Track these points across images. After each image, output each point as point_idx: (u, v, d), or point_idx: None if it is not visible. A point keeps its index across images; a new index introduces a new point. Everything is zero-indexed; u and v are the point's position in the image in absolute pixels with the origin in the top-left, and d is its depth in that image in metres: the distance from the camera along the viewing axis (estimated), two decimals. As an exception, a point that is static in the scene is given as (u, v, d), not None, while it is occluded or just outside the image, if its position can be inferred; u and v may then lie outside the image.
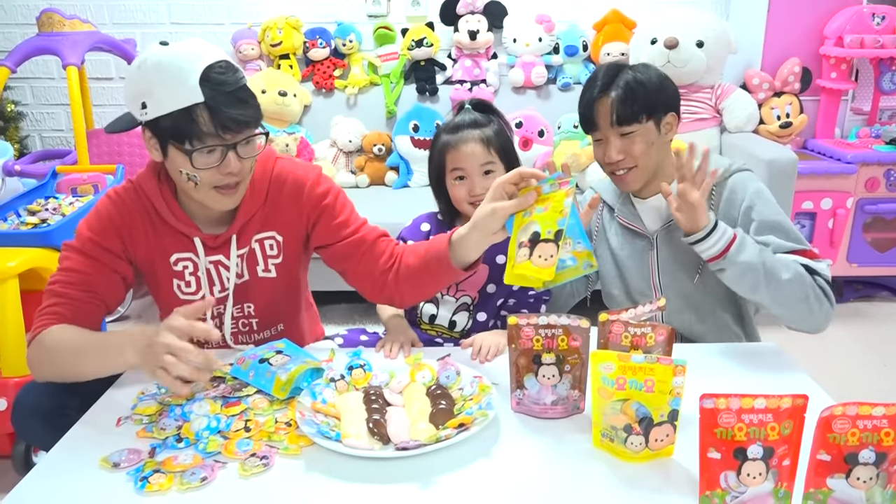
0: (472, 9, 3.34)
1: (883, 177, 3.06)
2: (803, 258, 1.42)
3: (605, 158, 1.51)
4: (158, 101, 1.19)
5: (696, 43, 3.03)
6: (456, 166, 1.51)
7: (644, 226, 1.58)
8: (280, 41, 3.32)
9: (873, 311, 3.12)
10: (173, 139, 1.21)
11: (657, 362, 0.99)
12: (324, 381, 1.18)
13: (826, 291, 1.40)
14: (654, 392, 1.00)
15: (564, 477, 1.00)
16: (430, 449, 1.02)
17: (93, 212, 1.36)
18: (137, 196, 1.35)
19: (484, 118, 1.55)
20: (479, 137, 1.51)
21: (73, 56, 2.84)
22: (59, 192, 2.55)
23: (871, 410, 0.85)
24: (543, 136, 3.26)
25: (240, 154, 1.25)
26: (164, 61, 1.19)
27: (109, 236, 1.33)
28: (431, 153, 1.58)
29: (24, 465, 1.94)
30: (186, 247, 1.37)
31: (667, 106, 1.51)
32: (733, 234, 1.39)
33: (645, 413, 1.01)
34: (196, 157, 1.21)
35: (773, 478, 0.88)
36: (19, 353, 1.96)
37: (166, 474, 0.99)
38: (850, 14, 3.19)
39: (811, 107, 3.36)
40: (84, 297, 1.30)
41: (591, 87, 1.51)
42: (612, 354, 1.02)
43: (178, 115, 1.18)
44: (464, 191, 1.52)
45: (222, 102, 1.18)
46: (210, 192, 1.27)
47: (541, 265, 1.11)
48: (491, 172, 1.51)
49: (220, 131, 1.20)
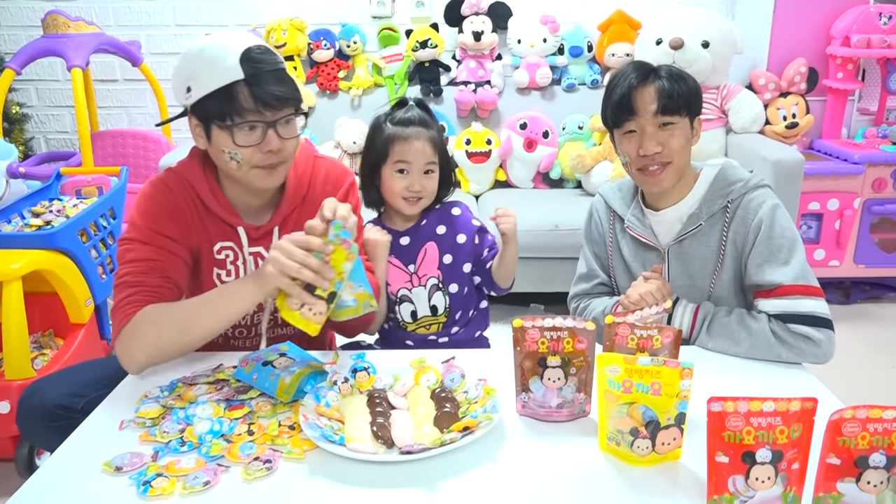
0: (476, 10, 3.33)
1: (890, 177, 3.05)
2: (787, 299, 1.36)
3: (641, 151, 1.43)
4: (201, 82, 1.23)
5: (702, 43, 3.02)
6: (402, 159, 1.53)
7: (656, 239, 1.53)
8: (284, 42, 3.32)
9: (881, 313, 3.10)
10: (216, 118, 1.25)
11: (664, 365, 0.98)
12: (327, 385, 1.18)
13: (809, 336, 1.32)
14: (661, 395, 0.99)
15: (570, 481, 0.99)
16: (435, 453, 1.01)
17: (141, 201, 1.35)
18: (182, 183, 1.36)
19: (430, 120, 1.59)
20: (428, 137, 1.54)
21: (77, 58, 2.85)
22: (63, 194, 2.55)
23: (882, 413, 0.84)
24: (548, 137, 3.25)
25: (280, 133, 1.27)
26: (206, 46, 1.25)
27: (165, 222, 1.33)
28: (372, 142, 1.58)
29: (27, 468, 1.94)
30: (229, 235, 1.38)
31: (697, 109, 1.48)
32: (693, 312, 1.41)
33: (651, 416, 1.00)
34: (237, 134, 1.24)
35: (782, 482, 0.87)
36: (23, 355, 1.96)
37: (169, 478, 0.98)
38: (857, 14, 3.18)
39: (817, 107, 3.34)
40: (160, 282, 1.29)
41: (626, 78, 1.44)
42: (618, 357, 1.01)
43: (220, 94, 1.22)
44: (403, 185, 1.54)
45: (262, 80, 1.23)
46: (251, 171, 1.29)
47: (308, 318, 1.20)
48: (431, 173, 1.55)
49: (260, 107, 1.23)
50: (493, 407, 1.10)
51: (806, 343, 1.33)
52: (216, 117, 1.25)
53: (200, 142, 1.31)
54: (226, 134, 1.25)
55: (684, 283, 1.50)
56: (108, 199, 2.42)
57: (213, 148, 1.30)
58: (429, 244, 1.60)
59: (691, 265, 1.49)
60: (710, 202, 1.47)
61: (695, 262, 1.48)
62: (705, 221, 1.47)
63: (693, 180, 1.51)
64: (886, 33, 3.16)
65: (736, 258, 1.46)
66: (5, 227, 2.22)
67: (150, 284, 1.28)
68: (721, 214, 1.46)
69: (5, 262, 1.95)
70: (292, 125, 1.30)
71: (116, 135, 3.38)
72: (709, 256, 1.48)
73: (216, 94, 1.23)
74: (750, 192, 1.45)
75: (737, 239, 1.45)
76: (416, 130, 1.54)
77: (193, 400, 1.17)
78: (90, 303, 2.24)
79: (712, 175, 1.50)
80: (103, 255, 2.35)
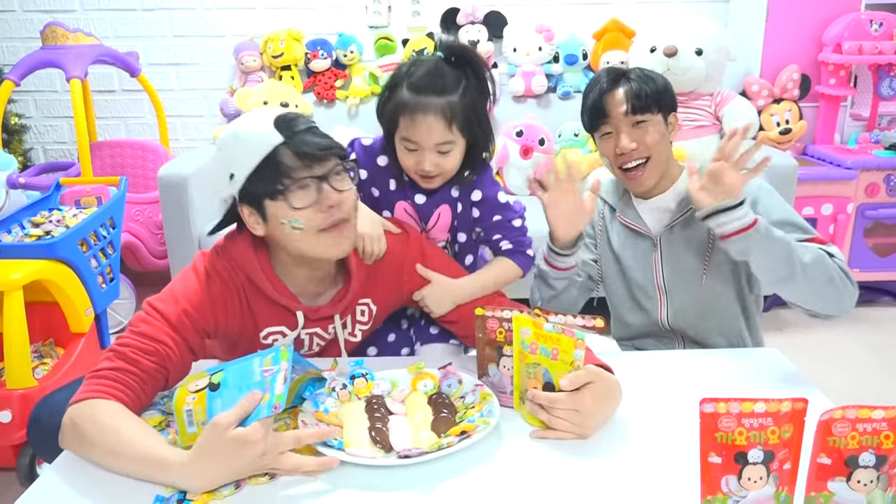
0: (472, 19, 3.36)
1: (883, 182, 3.07)
2: (815, 244, 1.40)
3: (617, 150, 1.48)
4: (242, 162, 1.17)
5: (696, 51, 3.05)
6: (407, 136, 1.33)
7: (647, 227, 1.57)
8: (282, 52, 3.34)
9: (875, 316, 3.12)
10: (267, 192, 1.17)
11: (562, 333, 1.08)
12: (326, 391, 1.19)
13: (846, 272, 1.37)
14: (558, 360, 1.09)
15: (566, 482, 1.00)
16: (433, 457, 1.02)
17: (194, 284, 1.24)
18: (234, 271, 1.26)
19: (454, 79, 1.31)
20: (441, 109, 1.29)
21: (76, 69, 2.86)
22: (62, 204, 2.56)
23: (871, 413, 0.85)
24: (544, 144, 3.27)
25: (335, 186, 1.20)
26: (238, 129, 1.20)
27: (207, 315, 1.23)
28: (385, 102, 1.35)
29: (27, 477, 1.94)
30: (284, 320, 1.30)
31: (670, 105, 1.51)
32: (755, 216, 1.34)
33: (548, 379, 1.10)
34: (292, 198, 1.16)
35: (774, 482, 0.88)
36: (23, 364, 1.97)
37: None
38: (848, 21, 3.21)
39: (810, 113, 3.37)
40: (153, 368, 1.15)
41: (598, 83, 1.50)
42: (529, 320, 1.11)
43: (265, 167, 1.16)
44: (412, 161, 1.35)
45: (301, 136, 1.17)
46: (319, 238, 1.20)
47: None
48: (448, 153, 1.33)
49: (307, 162, 1.17)
50: (490, 411, 1.11)
51: (847, 279, 1.35)
52: (267, 191, 1.17)
53: (259, 229, 1.22)
54: (281, 203, 1.17)
55: (678, 270, 1.54)
56: (107, 208, 2.43)
57: (272, 227, 1.20)
58: (442, 207, 1.44)
59: (683, 251, 1.53)
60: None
61: (687, 248, 1.50)
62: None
63: (678, 173, 1.55)
64: (877, 40, 3.19)
65: None
66: (5, 237, 2.24)
67: (140, 367, 1.14)
68: None
69: (6, 272, 1.96)
70: (344, 177, 1.23)
71: (115, 145, 3.39)
72: (700, 240, 1.51)
73: (261, 169, 1.16)
74: None
75: None
76: (425, 101, 1.29)
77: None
78: (90, 312, 2.25)
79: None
80: (103, 264, 2.36)
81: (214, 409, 1.03)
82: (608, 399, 1.13)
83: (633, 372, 1.32)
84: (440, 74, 1.31)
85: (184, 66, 3.54)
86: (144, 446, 1.02)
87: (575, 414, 1.08)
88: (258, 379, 1.03)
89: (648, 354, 1.51)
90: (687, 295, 1.55)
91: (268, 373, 1.03)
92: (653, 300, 1.59)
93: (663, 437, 1.10)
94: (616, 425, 1.14)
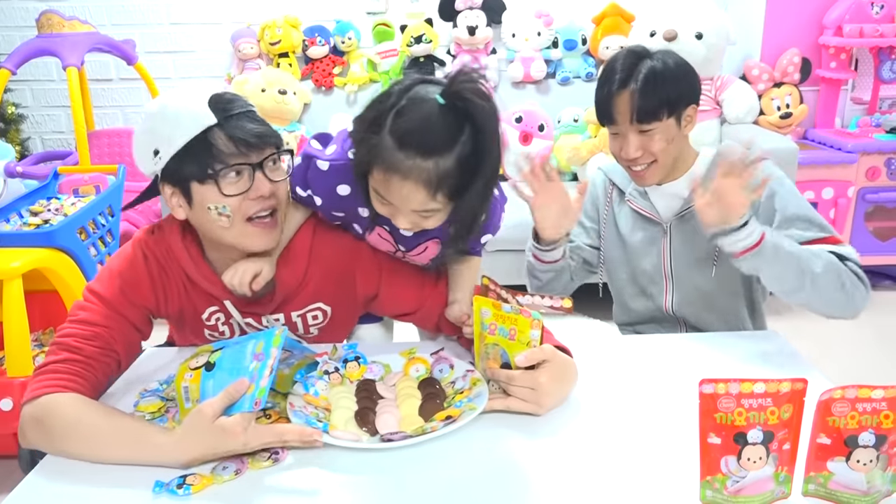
0: (470, 4, 3.34)
1: (884, 165, 3.07)
2: (829, 245, 1.35)
3: (623, 154, 1.45)
4: (170, 139, 1.11)
5: (695, 35, 3.03)
6: (380, 192, 1.09)
7: (658, 213, 1.54)
8: (279, 40, 3.33)
9: (875, 300, 3.07)
10: (195, 175, 1.12)
11: (520, 314, 1.08)
12: (317, 374, 1.18)
13: (859, 275, 1.33)
14: (515, 341, 1.10)
15: (560, 465, 1.00)
16: (417, 441, 1.02)
17: (122, 264, 1.23)
18: (166, 252, 1.24)
19: (449, 135, 1.02)
20: (424, 177, 1.03)
21: (72, 57, 2.85)
22: (60, 192, 2.56)
23: (871, 393, 0.85)
24: (543, 130, 3.26)
25: (268, 176, 1.15)
26: (166, 103, 1.13)
27: (146, 294, 1.22)
28: (360, 134, 1.07)
29: (29, 464, 1.94)
30: (218, 303, 1.27)
31: (688, 98, 1.44)
32: (762, 231, 1.29)
33: (506, 359, 1.12)
34: (223, 183, 1.11)
35: (774, 462, 0.88)
36: (24, 353, 1.97)
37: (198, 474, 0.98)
38: (849, 4, 3.19)
39: (811, 97, 3.36)
40: (98, 353, 1.15)
41: (610, 79, 1.42)
42: (488, 301, 1.12)
43: (194, 147, 1.10)
44: (385, 212, 1.13)
45: (237, 120, 1.12)
46: (245, 228, 1.16)
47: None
48: (429, 217, 1.11)
49: (241, 148, 1.11)
50: (478, 396, 1.11)
51: (859, 282, 1.32)
52: (195, 174, 1.11)
53: (180, 211, 1.17)
54: (210, 187, 1.11)
55: (688, 258, 1.51)
56: (105, 197, 2.43)
57: (196, 211, 1.15)
58: (430, 243, 1.27)
59: (694, 240, 1.49)
60: (710, 178, 1.43)
61: (697, 237, 1.47)
62: None
63: (692, 159, 1.52)
64: (878, 23, 3.17)
65: None
66: (4, 226, 2.23)
67: (85, 354, 1.13)
68: None
69: (5, 261, 1.96)
70: (279, 167, 1.18)
71: (112, 134, 3.38)
72: None
73: (190, 148, 1.10)
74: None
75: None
76: (408, 164, 1.02)
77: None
78: (89, 300, 2.25)
79: (712, 154, 1.51)
80: (102, 252, 2.36)
81: (206, 389, 1.05)
82: (564, 378, 1.13)
83: (633, 355, 1.33)
84: (431, 128, 1.02)
85: (181, 53, 3.52)
86: (123, 427, 1.03)
87: (531, 392, 1.08)
88: (248, 364, 1.03)
89: (649, 338, 1.50)
90: (694, 284, 1.52)
91: (258, 359, 1.03)
92: (658, 286, 1.57)
93: (663, 418, 1.10)
94: (615, 407, 1.14)
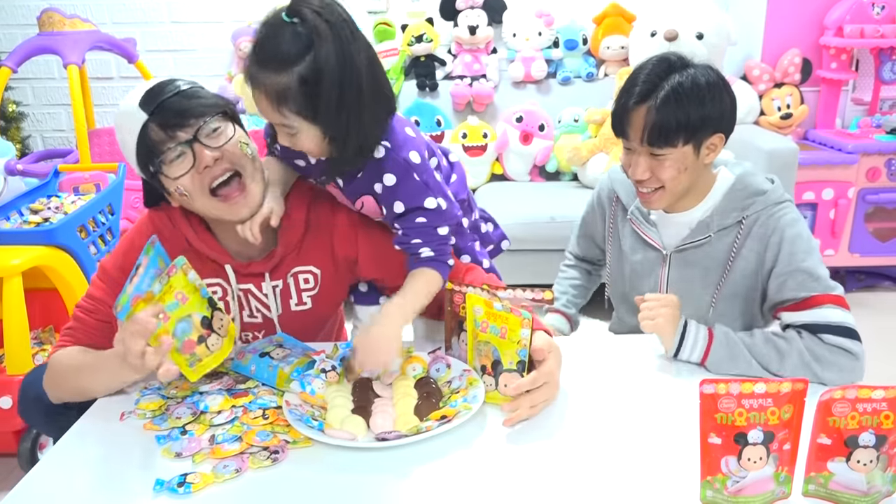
0: (471, 4, 3.34)
1: (884, 166, 3.06)
2: (820, 307, 1.26)
3: (630, 173, 1.37)
4: (127, 148, 1.19)
5: (696, 35, 3.03)
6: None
7: (660, 240, 1.46)
8: (280, 38, 3.32)
9: (875, 301, 3.12)
10: (153, 172, 1.18)
11: (510, 313, 1.10)
12: (314, 372, 1.18)
13: (845, 347, 1.21)
14: (506, 339, 1.11)
15: (560, 465, 1.00)
16: (411, 440, 1.02)
17: (128, 238, 1.32)
18: (173, 226, 1.30)
19: (297, 50, 1.04)
20: (265, 89, 1.07)
21: (73, 55, 2.84)
22: (61, 190, 2.56)
23: (871, 394, 0.85)
24: (544, 130, 3.26)
25: (207, 144, 1.17)
26: (117, 114, 1.21)
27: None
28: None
29: (29, 462, 1.95)
30: (217, 273, 1.31)
31: (715, 125, 1.32)
32: (707, 336, 1.24)
33: (497, 357, 1.13)
34: (168, 169, 1.17)
35: (774, 462, 0.88)
36: (23, 351, 1.97)
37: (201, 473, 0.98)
38: (850, 4, 3.19)
39: (811, 97, 3.36)
40: (98, 326, 1.28)
41: (630, 90, 1.33)
42: (481, 299, 1.14)
43: (140, 148, 1.17)
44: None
45: (163, 108, 1.16)
46: (210, 202, 1.21)
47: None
48: (295, 135, 1.11)
49: (169, 132, 1.16)
50: (474, 397, 1.11)
51: (844, 357, 1.20)
52: (151, 169, 1.18)
53: (173, 202, 1.25)
54: (163, 176, 1.18)
55: (686, 292, 1.40)
56: (106, 195, 2.43)
57: (172, 196, 1.23)
58: (365, 198, 1.26)
59: (694, 273, 1.42)
60: (723, 213, 1.38)
61: (697, 271, 1.41)
62: (714, 234, 1.39)
63: (709, 185, 1.41)
64: (879, 23, 3.17)
65: (747, 275, 1.38)
66: (4, 224, 2.23)
67: (89, 324, 1.28)
68: (734, 227, 1.38)
69: (5, 259, 1.96)
70: (221, 132, 1.19)
71: (113, 132, 3.32)
72: (713, 268, 1.40)
73: (139, 150, 1.17)
74: (770, 208, 1.36)
75: (750, 256, 1.36)
76: (254, 74, 1.09)
77: (195, 390, 1.18)
78: (90, 299, 2.25)
79: (729, 182, 1.41)
80: (102, 251, 2.35)
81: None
82: (561, 359, 1.18)
83: (633, 355, 1.33)
84: (273, 43, 1.07)
85: (182, 52, 3.52)
86: (94, 358, 1.20)
87: (548, 387, 1.11)
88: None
89: (649, 338, 1.49)
90: (694, 316, 1.34)
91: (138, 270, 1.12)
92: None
93: (663, 418, 1.10)
94: (615, 407, 1.14)
